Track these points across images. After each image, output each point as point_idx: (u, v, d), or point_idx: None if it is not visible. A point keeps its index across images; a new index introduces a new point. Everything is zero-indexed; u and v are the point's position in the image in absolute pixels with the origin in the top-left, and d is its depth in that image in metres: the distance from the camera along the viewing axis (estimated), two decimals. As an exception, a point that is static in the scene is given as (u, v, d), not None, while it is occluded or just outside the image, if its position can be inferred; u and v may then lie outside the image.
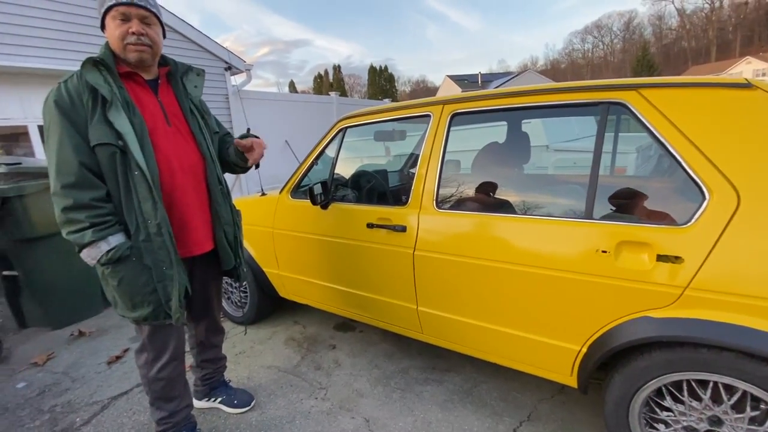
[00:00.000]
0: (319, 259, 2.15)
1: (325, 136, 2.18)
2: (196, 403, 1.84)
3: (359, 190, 2.26)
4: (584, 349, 1.38)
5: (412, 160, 2.77)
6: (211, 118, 1.60)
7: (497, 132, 2.29)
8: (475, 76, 44.42)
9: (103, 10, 1.30)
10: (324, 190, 2.01)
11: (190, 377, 1.86)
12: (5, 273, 2.77)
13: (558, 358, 1.46)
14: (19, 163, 2.66)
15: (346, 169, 2.44)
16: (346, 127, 2.11)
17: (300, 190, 2.27)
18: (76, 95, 1.24)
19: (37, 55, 4.34)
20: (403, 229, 1.76)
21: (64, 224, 1.26)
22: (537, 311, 1.46)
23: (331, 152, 2.19)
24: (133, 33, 1.29)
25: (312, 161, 2.24)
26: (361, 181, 2.30)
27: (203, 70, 1.58)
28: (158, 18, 1.38)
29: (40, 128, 4.64)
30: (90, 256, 1.27)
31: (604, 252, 1.29)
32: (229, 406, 1.84)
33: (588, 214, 1.36)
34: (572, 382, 1.48)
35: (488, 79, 43.25)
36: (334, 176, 2.11)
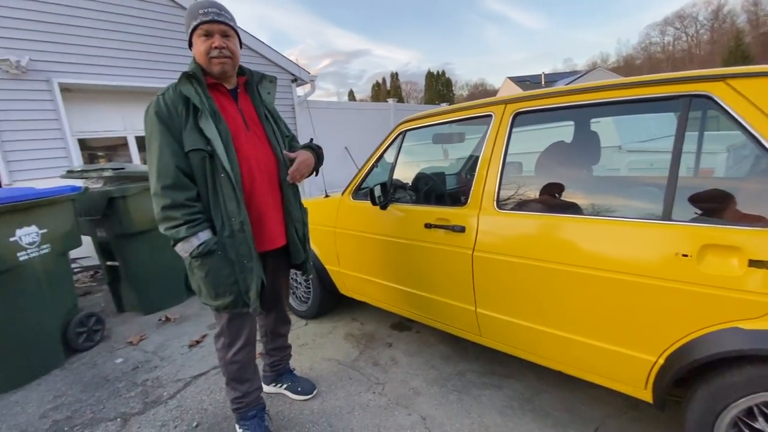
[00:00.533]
0: (378, 258, 2.22)
1: (385, 139, 2.26)
2: (265, 388, 1.99)
3: (417, 191, 2.30)
4: (661, 361, 1.28)
5: (472, 161, 2.75)
6: (282, 123, 1.73)
7: (563, 133, 2.20)
8: (537, 76, 42.47)
9: (190, 30, 1.44)
10: (383, 192, 2.08)
11: (260, 363, 2.01)
12: (108, 263, 3.21)
13: (630, 369, 1.37)
14: (123, 168, 3.07)
15: (404, 172, 2.50)
16: (406, 130, 2.16)
17: (361, 191, 2.36)
18: (172, 106, 1.39)
19: (135, 75, 4.98)
20: (462, 229, 1.76)
21: (163, 221, 1.40)
22: (607, 317, 1.38)
23: (390, 155, 2.26)
24: (216, 47, 1.42)
25: (372, 164, 2.32)
26: (420, 183, 2.33)
27: (275, 77, 1.71)
28: (235, 31, 1.52)
29: (137, 138, 5.31)
30: (183, 249, 1.41)
31: (684, 256, 1.19)
32: (294, 393, 1.96)
33: (666, 216, 1.27)
34: (647, 396, 1.38)
35: (552, 79, 41.10)
36: (393, 178, 2.17)
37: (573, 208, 1.62)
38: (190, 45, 1.49)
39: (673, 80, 1.28)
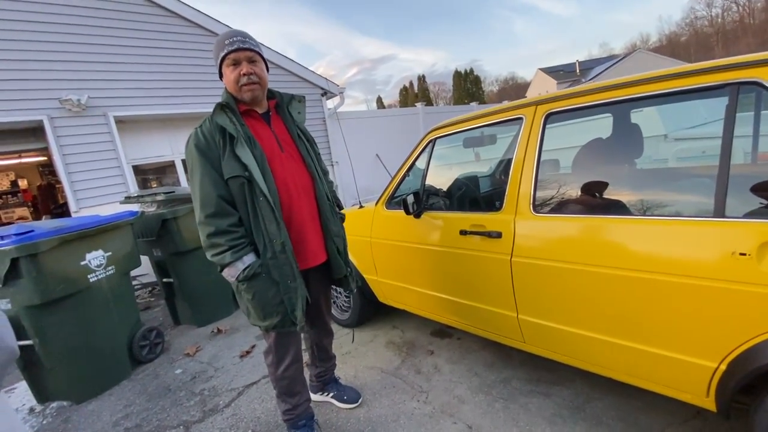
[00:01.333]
0: (415, 266, 2.23)
1: (415, 148, 2.28)
2: (312, 396, 2.06)
3: (451, 197, 2.30)
4: (723, 367, 1.20)
5: (504, 165, 2.70)
6: (314, 143, 1.74)
7: (602, 125, 2.11)
8: (571, 65, 40.73)
9: (219, 61, 1.50)
10: (416, 200, 2.10)
11: (307, 373, 2.08)
12: (164, 280, 3.45)
13: (689, 376, 1.30)
14: (173, 192, 3.30)
15: (437, 177, 2.50)
16: (436, 138, 2.17)
17: (394, 201, 2.39)
18: (210, 137, 1.45)
19: (179, 103, 5.34)
20: (499, 235, 1.74)
21: (209, 248, 1.47)
22: (660, 322, 1.31)
23: (421, 163, 2.28)
24: (244, 74, 1.47)
25: (404, 173, 2.34)
26: (452, 189, 2.33)
27: (303, 96, 1.73)
28: (260, 55, 1.55)
29: (184, 162, 5.67)
30: (230, 274, 1.48)
31: (742, 255, 1.12)
32: (340, 401, 2.02)
33: (718, 212, 1.20)
34: (709, 404, 1.30)
35: (588, 66, 39.29)
36: (426, 186, 2.18)
37: (615, 208, 1.56)
38: (221, 76, 1.55)
39: (716, 69, 1.21)
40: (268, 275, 1.48)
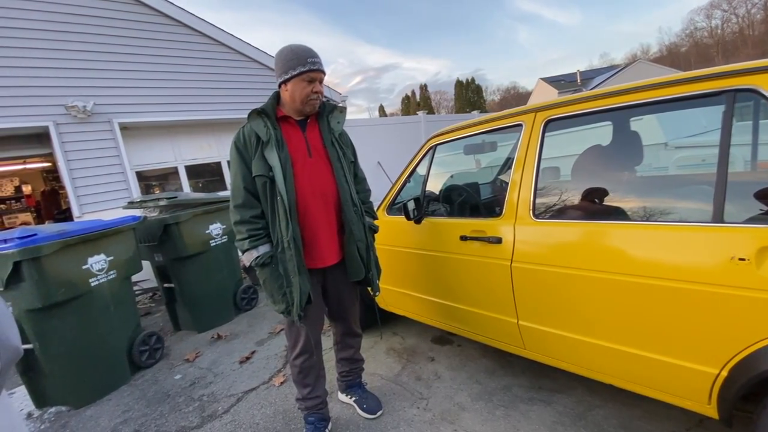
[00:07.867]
0: (415, 272, 2.23)
1: (417, 154, 2.30)
2: (338, 395, 2.12)
3: (451, 203, 2.31)
4: (724, 373, 1.19)
5: (504, 171, 2.71)
6: (349, 150, 1.81)
7: (602, 133, 2.13)
8: (572, 75, 40.99)
9: (295, 73, 1.57)
10: (417, 206, 2.11)
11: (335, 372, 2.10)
12: (165, 285, 3.45)
13: (690, 383, 1.29)
14: (176, 197, 3.32)
15: (438, 184, 2.51)
16: (437, 144, 2.19)
17: (395, 206, 2.40)
18: (248, 137, 1.62)
19: (182, 110, 5.40)
20: (499, 240, 1.75)
21: (235, 234, 1.66)
22: (660, 328, 1.31)
23: (422, 169, 2.29)
24: (316, 92, 1.62)
25: (405, 179, 2.36)
26: (453, 195, 2.34)
27: (345, 108, 1.83)
28: None
29: (186, 168, 5.72)
30: (247, 259, 1.65)
31: (741, 260, 1.12)
32: (360, 408, 2.00)
33: (717, 218, 1.20)
34: (711, 412, 1.28)
35: (589, 76, 39.52)
36: (426, 192, 2.19)
37: (615, 214, 1.56)
38: (285, 82, 1.61)
39: (714, 76, 1.22)
40: (276, 267, 1.62)
